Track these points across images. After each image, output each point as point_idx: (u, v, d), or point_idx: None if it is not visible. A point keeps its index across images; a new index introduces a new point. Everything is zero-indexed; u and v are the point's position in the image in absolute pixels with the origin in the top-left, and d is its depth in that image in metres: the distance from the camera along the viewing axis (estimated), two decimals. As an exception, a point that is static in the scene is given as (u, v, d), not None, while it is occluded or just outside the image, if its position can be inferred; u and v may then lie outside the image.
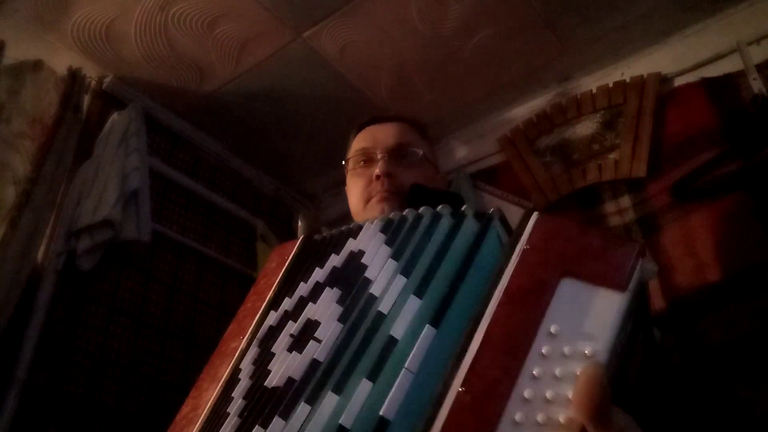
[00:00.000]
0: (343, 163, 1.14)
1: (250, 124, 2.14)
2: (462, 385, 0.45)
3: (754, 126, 1.55)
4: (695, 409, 1.37)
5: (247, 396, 0.61)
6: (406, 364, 0.48)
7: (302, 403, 0.52)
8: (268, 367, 0.62)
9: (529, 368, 0.45)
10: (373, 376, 0.50)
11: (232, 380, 0.65)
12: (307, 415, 0.51)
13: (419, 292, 0.56)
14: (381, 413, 0.46)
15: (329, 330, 0.58)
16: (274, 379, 0.59)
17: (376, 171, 1.02)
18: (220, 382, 0.66)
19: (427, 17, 1.75)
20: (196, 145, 2.15)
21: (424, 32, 1.80)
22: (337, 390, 0.51)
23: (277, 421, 0.53)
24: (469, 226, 0.62)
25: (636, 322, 0.51)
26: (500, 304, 0.49)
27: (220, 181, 2.21)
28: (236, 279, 2.10)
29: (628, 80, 1.86)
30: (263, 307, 0.74)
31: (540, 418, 0.42)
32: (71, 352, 1.54)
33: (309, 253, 0.81)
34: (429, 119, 2.12)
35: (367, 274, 0.62)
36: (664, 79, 1.81)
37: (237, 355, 0.68)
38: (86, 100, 1.85)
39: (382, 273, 0.61)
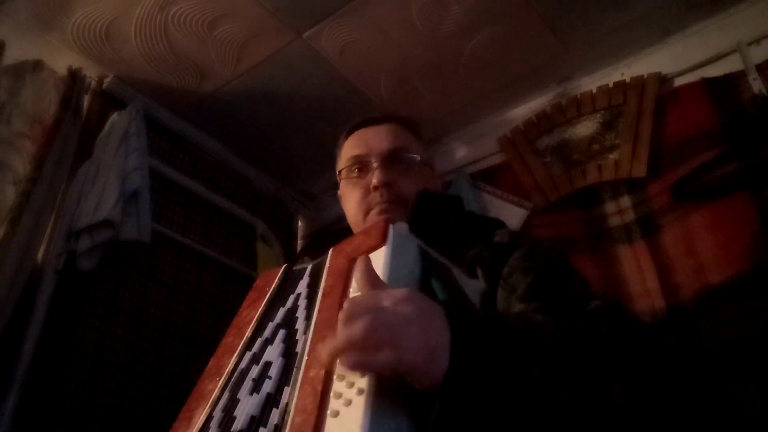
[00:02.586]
0: (338, 173, 1.11)
1: (250, 124, 2.14)
2: (307, 354, 0.64)
3: (754, 126, 1.55)
4: (694, 409, 1.37)
5: None
6: (296, 365, 0.65)
7: (261, 427, 0.61)
8: (234, 414, 0.65)
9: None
10: (289, 382, 0.64)
11: (205, 428, 0.67)
12: None
13: (306, 317, 0.72)
14: (285, 401, 0.61)
15: (277, 366, 0.68)
16: (238, 423, 0.64)
17: (374, 181, 0.98)
18: (194, 429, 0.68)
19: (427, 17, 1.75)
20: (196, 145, 2.15)
21: (424, 32, 1.80)
22: (277, 404, 0.62)
23: None
24: None
25: (427, 271, 0.70)
26: (320, 301, 0.70)
27: (220, 181, 2.21)
28: (236, 279, 2.10)
29: (628, 80, 1.86)
30: (241, 345, 0.77)
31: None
32: (71, 352, 1.54)
33: (286, 286, 0.82)
34: (429, 119, 2.12)
35: (298, 313, 0.74)
36: (664, 79, 1.81)
37: (212, 399, 0.71)
38: (86, 100, 1.85)
39: (301, 311, 0.74)
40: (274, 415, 0.60)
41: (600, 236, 1.72)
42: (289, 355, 0.67)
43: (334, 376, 0.57)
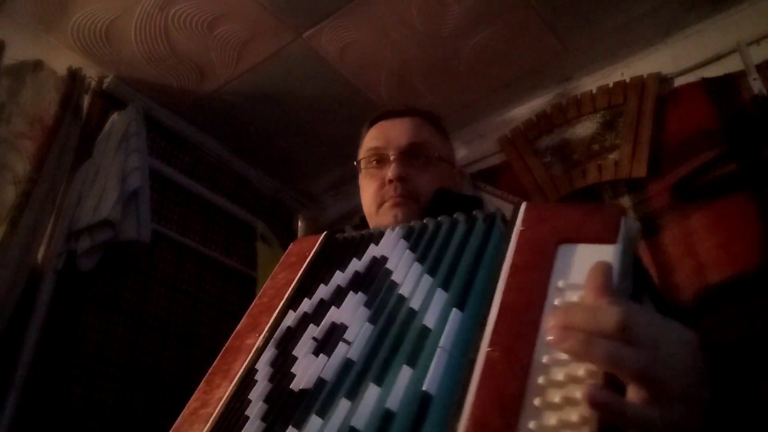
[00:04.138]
0: (355, 163, 1.11)
1: (250, 124, 2.14)
2: (489, 346, 0.50)
3: (754, 126, 1.55)
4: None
5: (269, 399, 0.60)
6: (440, 344, 0.53)
7: (342, 399, 0.53)
8: (291, 370, 0.61)
9: (545, 314, 0.51)
10: (411, 362, 0.53)
11: (248, 380, 0.64)
12: (348, 410, 0.52)
13: (445, 287, 0.61)
14: (424, 389, 0.50)
15: (359, 331, 0.61)
16: (301, 382, 0.59)
17: (389, 175, 0.98)
18: (233, 380, 0.65)
19: (427, 17, 1.75)
20: (196, 145, 2.15)
21: (424, 32, 1.80)
22: (378, 381, 0.53)
23: (314, 420, 0.54)
24: (480, 227, 0.69)
25: (636, 289, 0.57)
26: (510, 276, 0.56)
27: (220, 181, 2.21)
28: (236, 279, 2.10)
29: (628, 80, 1.86)
30: (281, 304, 0.73)
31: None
32: (71, 352, 1.54)
33: (330, 252, 0.81)
34: (429, 119, 2.12)
35: (394, 278, 0.67)
36: (664, 79, 1.81)
37: (253, 353, 0.68)
38: (86, 100, 1.85)
39: (409, 276, 0.65)
40: (373, 393, 0.52)
41: (600, 236, 1.71)
42: (387, 323, 0.60)
43: (536, 401, 0.45)
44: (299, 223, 2.53)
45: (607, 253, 0.53)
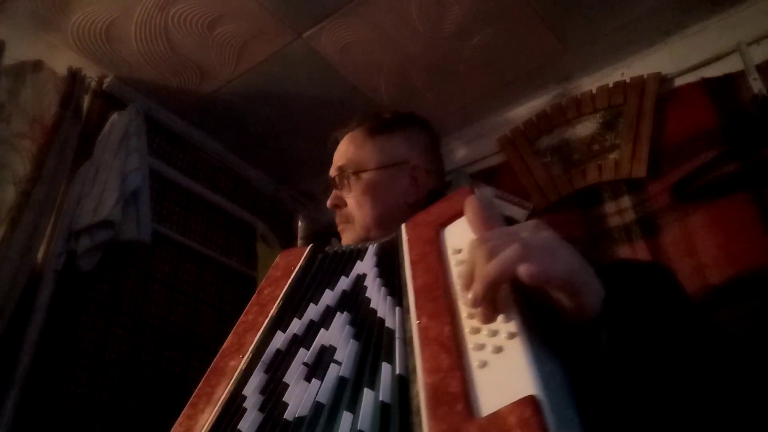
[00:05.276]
0: None
1: (250, 124, 2.14)
2: (417, 319, 0.58)
3: (754, 126, 1.55)
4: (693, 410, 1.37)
5: (262, 431, 0.58)
6: (396, 336, 0.60)
7: (344, 413, 0.54)
8: (284, 399, 0.59)
9: (453, 275, 0.62)
10: (389, 359, 0.59)
11: (234, 408, 0.62)
12: (351, 420, 0.54)
13: (393, 293, 0.68)
14: (397, 373, 0.56)
15: (347, 350, 0.62)
16: (296, 410, 0.57)
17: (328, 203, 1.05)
18: (216, 405, 0.63)
19: (427, 17, 1.75)
20: (196, 145, 2.15)
21: (424, 32, 1.80)
22: (371, 385, 0.56)
23: None
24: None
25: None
26: (412, 268, 0.66)
27: (220, 181, 2.21)
28: (236, 279, 2.10)
29: (628, 80, 1.86)
30: (266, 322, 0.72)
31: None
32: (71, 352, 1.54)
33: (318, 268, 0.80)
34: (429, 119, 2.12)
35: (368, 294, 0.70)
36: (664, 79, 1.81)
37: (237, 376, 0.65)
38: (86, 100, 1.85)
39: (375, 289, 0.70)
40: (369, 397, 0.54)
41: (600, 236, 1.72)
42: (368, 336, 0.63)
43: (466, 331, 0.53)
44: (299, 223, 2.53)
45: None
